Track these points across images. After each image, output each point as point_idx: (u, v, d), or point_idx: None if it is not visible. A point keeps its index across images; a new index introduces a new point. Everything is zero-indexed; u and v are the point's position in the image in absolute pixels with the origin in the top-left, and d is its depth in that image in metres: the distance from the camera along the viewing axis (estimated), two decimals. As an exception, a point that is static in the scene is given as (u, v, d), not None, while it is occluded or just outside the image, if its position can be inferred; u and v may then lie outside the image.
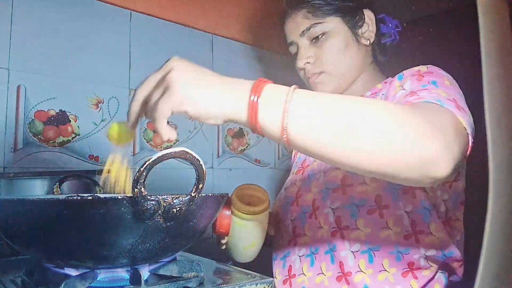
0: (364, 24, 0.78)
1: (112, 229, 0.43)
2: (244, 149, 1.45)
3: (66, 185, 0.76)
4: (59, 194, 0.71)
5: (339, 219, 0.65)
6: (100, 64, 1.15)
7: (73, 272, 0.49)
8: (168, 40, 1.30)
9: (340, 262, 0.65)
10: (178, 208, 0.45)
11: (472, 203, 1.04)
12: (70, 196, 0.59)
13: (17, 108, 1.01)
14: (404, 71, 0.70)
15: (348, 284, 0.64)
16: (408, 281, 0.62)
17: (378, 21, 0.81)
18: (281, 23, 0.83)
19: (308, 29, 0.76)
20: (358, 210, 0.63)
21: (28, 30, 1.03)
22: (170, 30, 1.31)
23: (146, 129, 1.24)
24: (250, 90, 0.46)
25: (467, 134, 0.52)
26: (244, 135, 1.47)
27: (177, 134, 1.31)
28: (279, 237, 0.77)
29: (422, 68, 0.67)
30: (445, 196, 0.66)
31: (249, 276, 0.57)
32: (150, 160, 0.41)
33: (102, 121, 1.15)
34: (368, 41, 0.79)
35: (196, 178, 0.46)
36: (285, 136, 0.44)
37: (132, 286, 0.48)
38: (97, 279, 0.49)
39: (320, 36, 0.76)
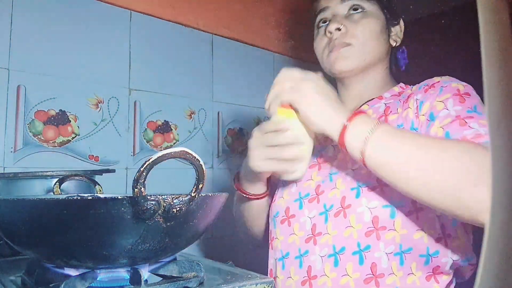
0: (398, 26, 0.81)
1: (112, 229, 0.43)
2: (244, 149, 1.45)
3: (66, 185, 0.76)
4: (59, 194, 0.71)
5: (376, 219, 0.64)
6: (100, 64, 1.15)
7: (73, 272, 0.49)
8: (168, 40, 1.31)
9: (372, 263, 0.64)
10: (178, 208, 0.45)
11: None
12: (70, 196, 0.59)
13: (17, 108, 1.01)
14: (435, 82, 0.71)
15: (378, 286, 0.63)
16: (431, 284, 0.64)
17: (399, 46, 0.83)
18: None
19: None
20: (396, 210, 0.63)
21: (28, 30, 1.03)
22: (170, 30, 1.31)
23: (146, 129, 1.24)
24: (346, 117, 0.57)
25: None
26: (244, 136, 1.47)
27: (177, 134, 1.31)
28: (288, 234, 0.74)
29: (460, 86, 0.67)
30: None
31: (249, 276, 0.57)
32: (150, 160, 0.41)
33: (102, 121, 1.15)
34: (395, 43, 0.80)
35: (196, 178, 0.46)
36: (363, 160, 0.55)
37: (132, 286, 0.48)
38: (97, 279, 0.49)
39: (360, 11, 0.76)
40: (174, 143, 1.30)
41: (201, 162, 0.45)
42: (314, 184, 0.74)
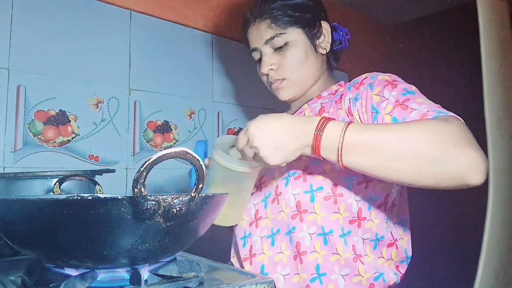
0: (321, 35, 0.85)
1: (112, 229, 0.43)
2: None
3: (66, 185, 0.76)
4: (59, 194, 0.71)
5: (299, 204, 0.73)
6: (100, 64, 1.15)
7: (73, 272, 0.49)
8: (168, 40, 1.31)
9: (297, 242, 0.73)
10: (178, 208, 0.45)
11: (472, 204, 1.04)
12: (70, 196, 0.59)
13: (17, 108, 1.01)
14: (363, 79, 0.77)
15: (302, 263, 0.73)
16: (356, 266, 0.72)
17: (331, 29, 0.88)
18: (244, 30, 0.90)
19: (272, 38, 0.82)
20: (316, 196, 0.72)
21: (28, 30, 1.03)
22: (170, 30, 1.31)
23: (146, 129, 1.24)
24: (314, 130, 0.60)
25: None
26: (244, 135, 1.47)
27: (177, 134, 1.31)
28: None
29: (386, 77, 0.74)
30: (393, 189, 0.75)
31: (249, 276, 0.57)
32: (150, 160, 0.41)
33: (102, 121, 1.15)
34: (325, 50, 0.86)
35: (196, 178, 0.46)
36: (341, 164, 0.60)
37: (132, 286, 0.48)
38: (97, 279, 0.49)
39: (283, 46, 0.82)
40: (174, 143, 1.30)
41: (201, 162, 0.45)
42: (271, 182, 0.82)
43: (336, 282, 0.72)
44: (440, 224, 1.84)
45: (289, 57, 0.82)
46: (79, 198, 0.44)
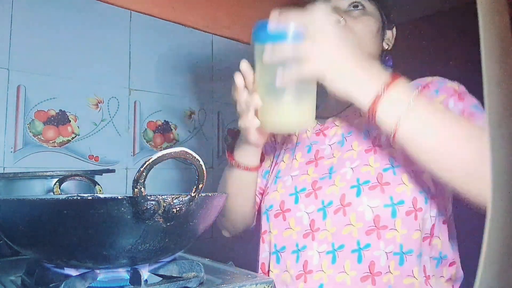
0: (391, 31, 0.81)
1: (112, 229, 0.43)
2: (244, 149, 1.46)
3: (66, 185, 0.76)
4: (59, 194, 0.71)
5: (378, 218, 0.64)
6: (100, 64, 1.15)
7: (73, 272, 0.49)
8: (168, 40, 1.31)
9: (371, 261, 0.64)
10: (178, 208, 0.45)
11: (471, 203, 1.04)
12: (70, 196, 0.59)
13: (17, 108, 1.01)
14: (429, 82, 0.71)
15: (374, 284, 0.64)
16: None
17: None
18: None
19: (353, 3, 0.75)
20: (397, 210, 0.64)
21: (28, 30, 1.03)
22: (170, 30, 1.31)
23: (146, 129, 1.24)
24: (380, 83, 0.52)
25: None
26: (244, 135, 1.47)
27: (177, 134, 1.31)
28: (283, 228, 0.74)
29: (455, 86, 0.69)
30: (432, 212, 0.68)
31: (249, 276, 0.57)
32: (150, 160, 0.41)
33: (102, 121, 1.15)
34: (388, 46, 0.81)
35: (196, 178, 0.46)
36: (393, 135, 0.52)
37: (132, 286, 0.48)
38: (97, 279, 0.49)
39: (360, 8, 0.75)
40: (174, 143, 1.30)
41: (201, 162, 0.45)
42: (311, 179, 0.74)
43: None
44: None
45: (363, 21, 0.74)
46: (79, 198, 0.44)
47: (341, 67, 0.52)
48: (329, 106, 0.82)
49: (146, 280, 0.51)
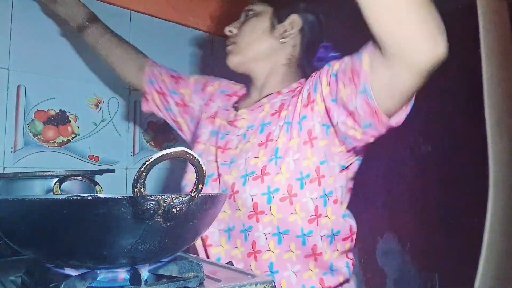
0: (285, 25, 0.85)
1: (112, 229, 0.43)
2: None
3: (66, 185, 0.76)
4: (59, 194, 0.71)
5: (256, 205, 0.73)
6: (100, 64, 1.15)
7: (73, 272, 0.49)
8: (168, 40, 1.30)
9: (253, 241, 0.74)
10: (178, 208, 0.45)
11: (471, 204, 1.04)
12: (70, 196, 0.59)
13: (17, 108, 1.01)
14: (318, 70, 0.79)
15: (256, 260, 0.74)
16: (307, 262, 0.74)
17: (322, 46, 0.89)
18: None
19: (248, 6, 0.89)
20: (272, 198, 0.73)
21: (28, 30, 1.03)
22: (170, 30, 1.31)
23: (146, 129, 1.24)
24: None
25: None
26: (244, 135, 1.47)
27: (177, 134, 1.31)
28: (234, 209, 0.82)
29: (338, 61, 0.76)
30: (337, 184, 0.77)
31: (249, 276, 0.57)
32: (150, 160, 0.41)
33: (102, 121, 1.15)
34: (282, 40, 0.85)
35: (196, 178, 0.46)
36: None
37: (132, 286, 0.48)
38: (97, 279, 0.49)
39: (251, 13, 0.87)
40: (174, 143, 1.30)
41: (201, 162, 0.45)
42: (214, 165, 0.82)
43: (288, 278, 0.74)
44: (441, 223, 1.84)
45: (248, 24, 0.86)
46: (79, 198, 0.44)
47: None
48: (245, 99, 0.91)
49: (146, 280, 0.51)
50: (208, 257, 0.79)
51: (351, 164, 0.78)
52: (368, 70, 0.63)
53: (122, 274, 0.50)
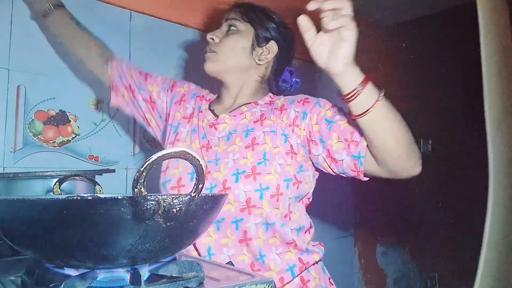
0: (264, 49, 0.96)
1: (112, 229, 0.43)
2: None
3: (66, 185, 0.76)
4: (59, 194, 0.71)
5: (249, 200, 0.83)
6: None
7: (73, 272, 0.49)
8: (168, 40, 1.31)
9: (244, 230, 0.84)
10: (178, 208, 0.45)
11: (472, 203, 1.04)
12: (70, 196, 0.59)
13: (17, 108, 1.01)
14: (306, 98, 0.91)
15: (248, 246, 0.84)
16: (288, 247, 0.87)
17: (287, 70, 1.01)
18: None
19: (232, 19, 0.96)
20: (264, 194, 0.83)
21: (28, 30, 1.03)
22: (170, 30, 1.31)
23: (146, 129, 1.24)
24: (362, 79, 0.70)
25: None
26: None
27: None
28: None
29: (329, 103, 0.88)
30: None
31: (249, 276, 0.57)
32: (150, 160, 0.41)
33: (102, 121, 1.15)
34: (259, 62, 0.96)
35: (196, 178, 0.46)
36: (362, 117, 0.70)
37: (132, 286, 0.48)
38: (97, 279, 0.49)
39: (233, 29, 0.95)
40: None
41: (201, 162, 0.45)
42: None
43: (274, 259, 0.85)
44: (441, 223, 1.84)
45: (230, 39, 0.94)
46: (79, 198, 0.44)
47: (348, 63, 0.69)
48: (223, 105, 0.99)
49: (146, 280, 0.51)
50: (196, 248, 0.86)
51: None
52: (365, 148, 0.77)
53: (122, 274, 0.50)
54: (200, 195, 0.47)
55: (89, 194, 0.77)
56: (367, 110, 0.69)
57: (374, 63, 1.87)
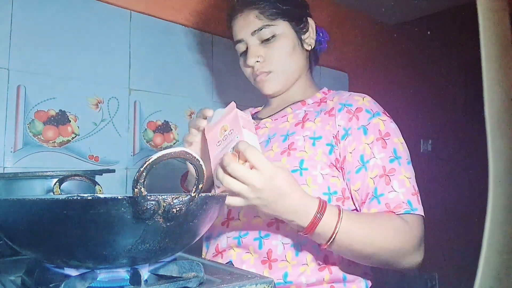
0: (307, 31, 0.87)
1: (112, 229, 0.43)
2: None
3: (66, 185, 0.76)
4: (59, 194, 0.71)
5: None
6: (100, 64, 1.15)
7: (73, 272, 0.49)
8: (168, 40, 1.31)
9: (269, 249, 0.75)
10: (178, 208, 0.45)
11: (472, 203, 1.04)
12: (70, 196, 0.59)
13: (17, 108, 1.01)
14: (357, 108, 0.79)
15: (271, 269, 0.74)
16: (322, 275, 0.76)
17: (318, 29, 0.91)
18: (229, 21, 0.89)
19: (260, 29, 0.82)
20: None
21: (28, 30, 1.03)
22: (170, 30, 1.31)
23: (146, 129, 1.24)
24: (314, 209, 0.64)
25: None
26: (244, 135, 1.47)
27: (177, 134, 1.31)
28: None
29: (381, 124, 0.77)
30: None
31: (249, 276, 0.57)
32: (150, 160, 0.41)
33: (102, 121, 1.15)
34: (310, 47, 0.87)
35: (196, 178, 0.46)
36: (326, 244, 0.66)
37: (132, 286, 0.48)
38: (97, 279, 0.49)
39: (270, 38, 0.83)
40: (174, 143, 1.30)
41: (201, 162, 0.45)
42: None
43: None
44: (441, 223, 1.84)
45: (277, 49, 0.82)
46: (79, 198, 0.44)
47: (281, 208, 0.64)
48: (270, 108, 0.92)
49: (146, 280, 0.51)
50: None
51: None
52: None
53: (122, 274, 0.50)
54: (200, 195, 0.47)
55: (89, 194, 0.77)
56: (330, 238, 0.65)
57: (374, 62, 1.87)
